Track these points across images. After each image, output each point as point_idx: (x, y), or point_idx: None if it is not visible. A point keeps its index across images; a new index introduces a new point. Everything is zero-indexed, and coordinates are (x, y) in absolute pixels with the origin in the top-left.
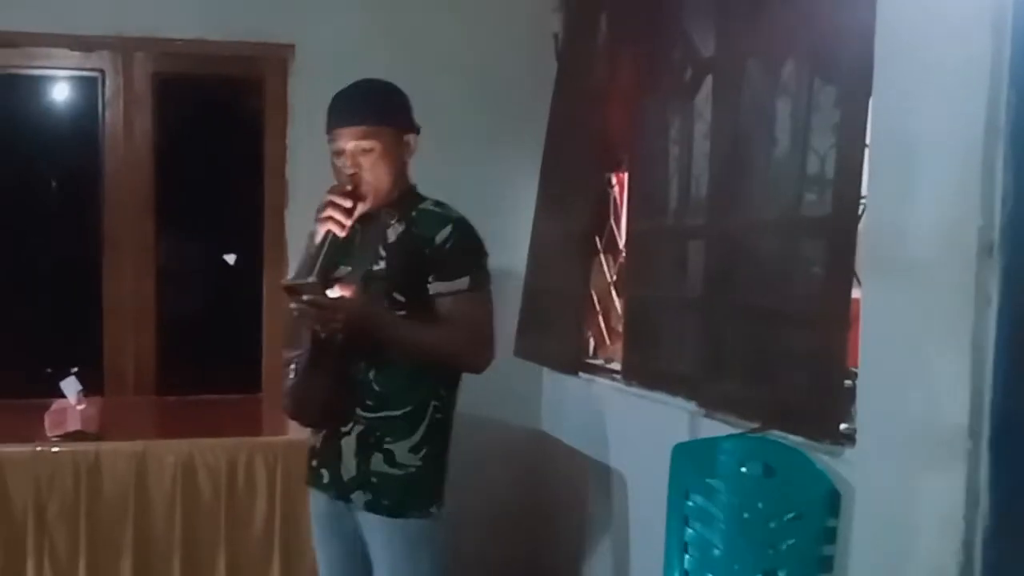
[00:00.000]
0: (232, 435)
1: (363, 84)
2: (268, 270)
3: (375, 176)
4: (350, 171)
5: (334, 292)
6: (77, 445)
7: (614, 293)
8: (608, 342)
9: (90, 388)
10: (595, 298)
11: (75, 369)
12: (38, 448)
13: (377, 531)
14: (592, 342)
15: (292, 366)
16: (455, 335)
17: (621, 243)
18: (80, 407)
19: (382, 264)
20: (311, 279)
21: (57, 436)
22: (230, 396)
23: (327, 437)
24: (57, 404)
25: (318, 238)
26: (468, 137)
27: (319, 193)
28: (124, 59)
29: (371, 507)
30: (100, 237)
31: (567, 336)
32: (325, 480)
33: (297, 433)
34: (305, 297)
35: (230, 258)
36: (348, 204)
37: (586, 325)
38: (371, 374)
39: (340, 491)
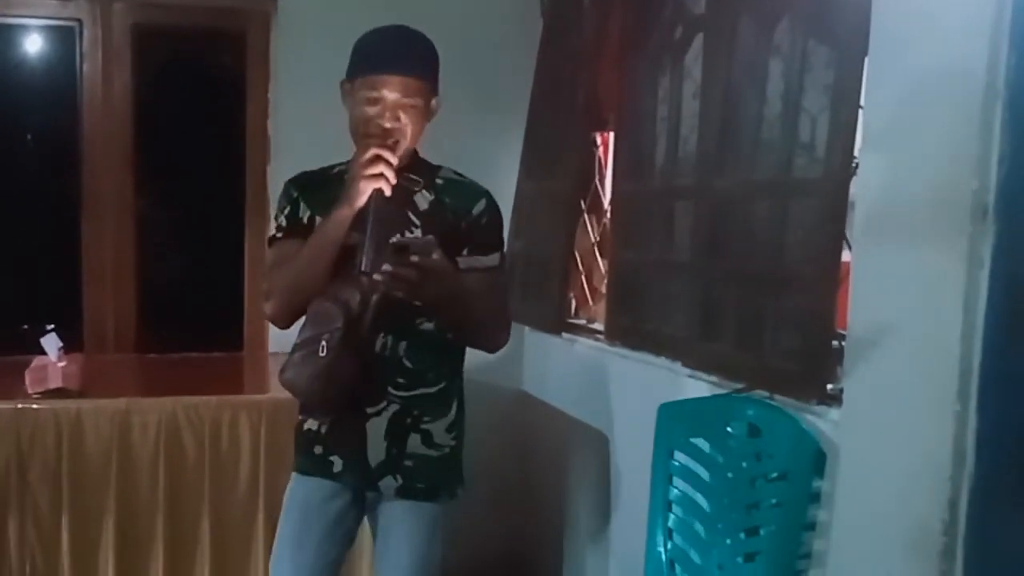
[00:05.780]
0: (215, 393)
1: (407, 31)
2: (250, 227)
3: (413, 135)
4: (388, 125)
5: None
6: (59, 402)
7: (597, 253)
8: (591, 302)
9: (69, 346)
10: (578, 258)
11: (51, 326)
12: (19, 405)
13: (403, 517)
14: (574, 302)
15: (323, 343)
16: (491, 310)
17: (606, 203)
18: (61, 364)
19: (416, 232)
20: (428, 236)
21: (38, 393)
22: (212, 354)
23: (340, 420)
24: (37, 361)
25: (362, 199)
26: (451, 95)
27: (302, 150)
28: (102, 8)
29: (403, 493)
30: (78, 192)
31: (550, 296)
32: (337, 468)
33: (280, 391)
34: (414, 258)
35: None
36: (394, 160)
37: (569, 285)
38: (401, 351)
39: (362, 479)
